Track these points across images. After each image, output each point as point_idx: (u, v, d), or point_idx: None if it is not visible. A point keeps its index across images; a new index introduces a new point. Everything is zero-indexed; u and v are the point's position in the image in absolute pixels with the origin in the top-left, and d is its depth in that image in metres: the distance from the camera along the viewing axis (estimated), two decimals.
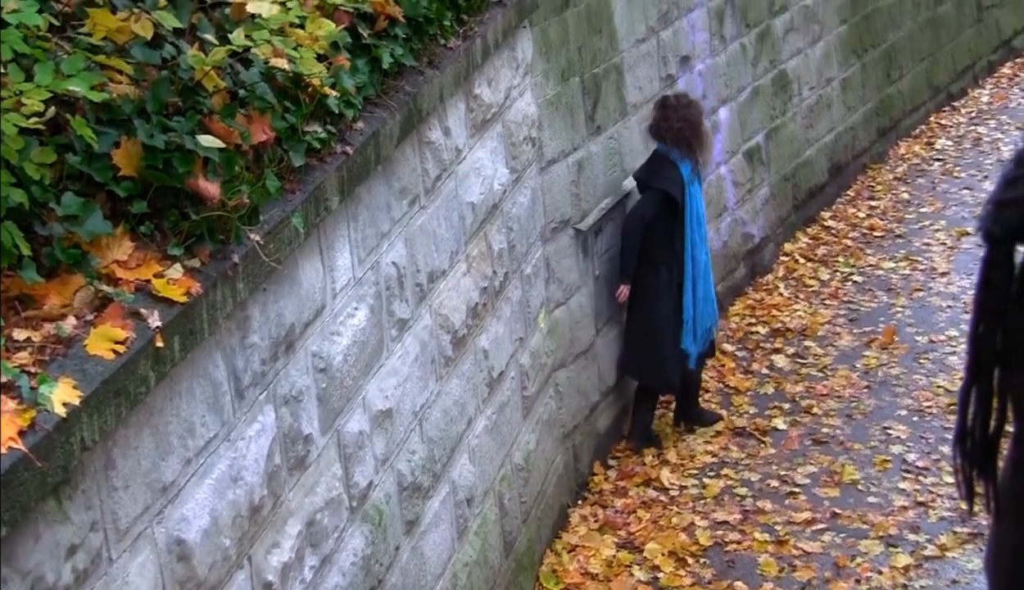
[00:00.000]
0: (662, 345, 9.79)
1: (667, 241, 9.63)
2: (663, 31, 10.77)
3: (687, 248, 9.66)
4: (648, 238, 9.61)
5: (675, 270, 9.70)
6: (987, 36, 18.26)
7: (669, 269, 9.70)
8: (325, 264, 5.44)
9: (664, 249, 9.65)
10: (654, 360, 9.85)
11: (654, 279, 9.71)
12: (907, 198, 14.49)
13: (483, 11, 7.53)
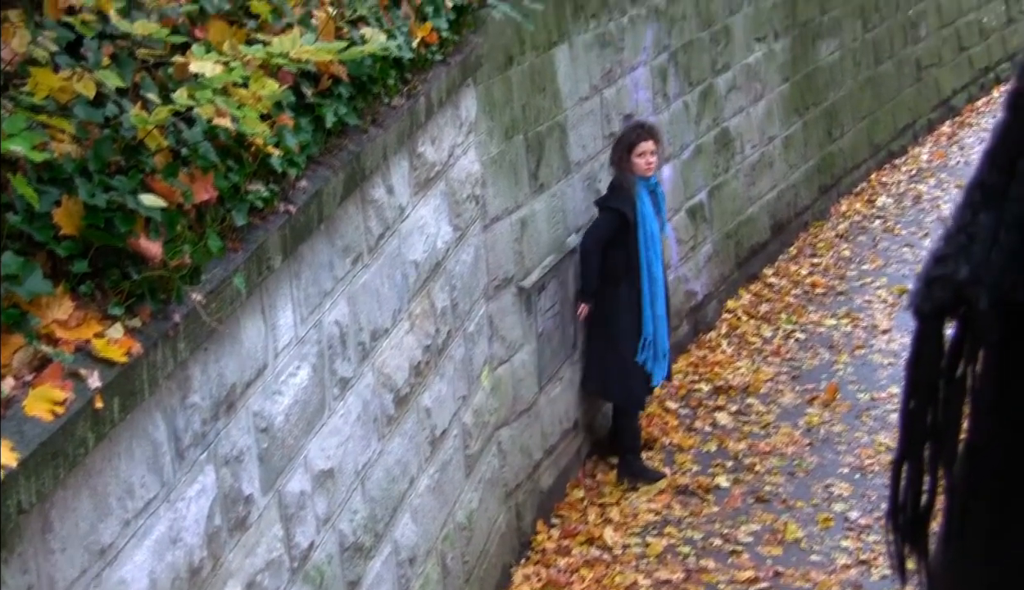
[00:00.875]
0: (626, 361, 10.08)
1: (624, 260, 9.97)
2: (606, 89, 10.83)
3: (643, 265, 10.00)
4: (606, 257, 9.96)
5: (634, 287, 10.03)
6: (926, 95, 18.44)
7: (629, 286, 10.03)
8: (267, 323, 5.43)
9: (622, 267, 9.99)
10: (619, 376, 10.14)
11: (614, 297, 10.05)
12: (848, 255, 14.59)
13: (427, 70, 7.54)
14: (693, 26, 12.45)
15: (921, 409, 1.15)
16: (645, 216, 9.97)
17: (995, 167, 1.05)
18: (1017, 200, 1.03)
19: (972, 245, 1.06)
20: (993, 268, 1.04)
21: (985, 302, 1.05)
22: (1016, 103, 1.04)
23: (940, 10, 18.73)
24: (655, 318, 10.08)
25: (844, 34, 15.98)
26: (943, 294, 1.08)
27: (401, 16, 7.17)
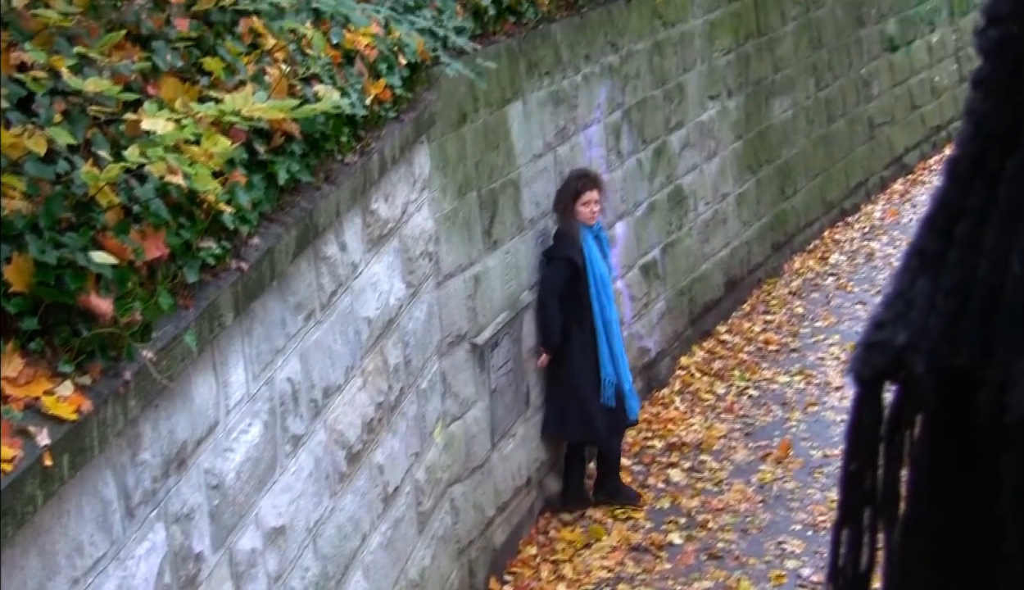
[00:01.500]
0: (585, 400, 10.37)
1: (576, 306, 10.26)
2: (560, 146, 10.88)
3: (595, 309, 10.31)
4: (560, 305, 10.27)
5: (587, 331, 10.34)
6: (879, 153, 18.58)
7: (581, 329, 10.32)
8: (219, 380, 5.42)
9: (574, 312, 10.28)
10: (578, 415, 10.41)
11: (567, 343, 10.34)
12: (801, 312, 14.65)
13: (380, 127, 7.56)
14: (647, 84, 12.53)
15: (861, 473, 1.16)
16: (593, 261, 10.29)
17: (933, 233, 1.07)
18: (955, 266, 1.04)
19: (910, 311, 1.07)
20: (931, 334, 1.05)
21: (922, 368, 1.06)
22: (954, 169, 1.05)
23: (893, 69, 18.89)
24: (613, 357, 10.39)
25: (797, 92, 16.10)
26: (881, 359, 1.09)
27: (355, 73, 7.19)
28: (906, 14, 19.22)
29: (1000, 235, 1.00)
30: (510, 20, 10.00)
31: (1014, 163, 1.00)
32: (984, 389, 1.01)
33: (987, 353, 1.01)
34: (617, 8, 11.85)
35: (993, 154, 1.02)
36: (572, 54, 11.05)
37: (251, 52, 6.25)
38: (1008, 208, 1.00)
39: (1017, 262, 0.98)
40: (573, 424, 10.48)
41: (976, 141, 1.03)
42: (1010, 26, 1.00)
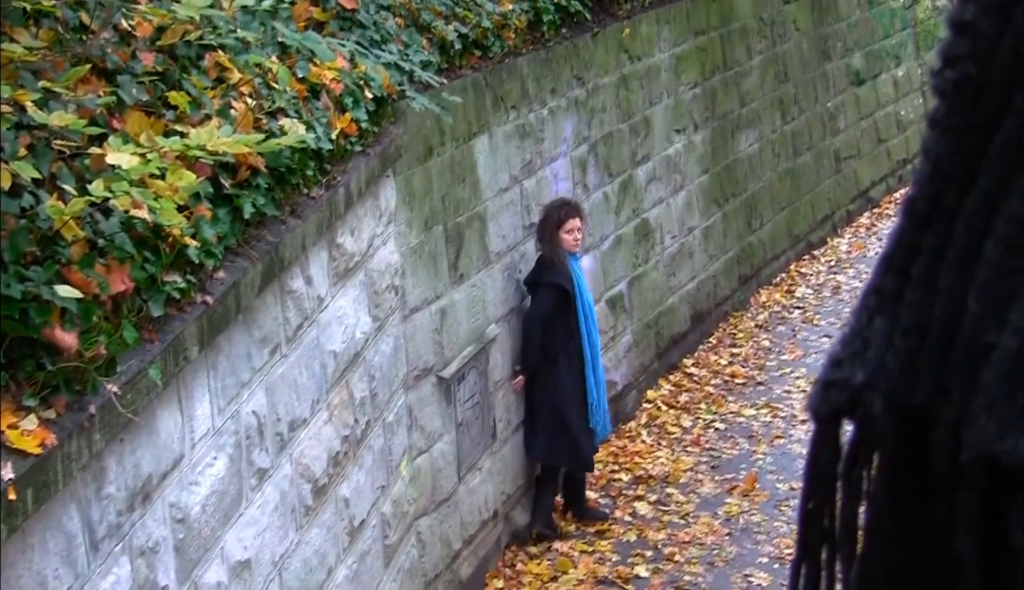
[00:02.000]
0: (572, 426, 10.59)
1: (563, 332, 10.46)
2: (526, 180, 10.90)
3: (583, 335, 10.56)
4: (545, 331, 10.43)
5: (574, 357, 10.53)
6: (845, 186, 18.66)
7: (567, 357, 10.54)
8: (184, 414, 5.41)
9: (561, 340, 10.49)
10: (566, 443, 10.62)
11: (554, 369, 10.54)
12: (768, 345, 14.68)
13: (346, 160, 7.58)
14: (613, 118, 12.57)
15: (819, 510, 1.17)
16: (581, 288, 10.58)
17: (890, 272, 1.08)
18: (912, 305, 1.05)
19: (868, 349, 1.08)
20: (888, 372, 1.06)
21: (880, 406, 1.07)
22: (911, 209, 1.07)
23: (858, 103, 18.99)
24: (597, 383, 10.69)
25: (763, 126, 16.17)
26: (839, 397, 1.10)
27: (320, 107, 7.21)
28: (872, 48, 19.34)
29: (956, 274, 1.01)
30: (476, 54, 10.04)
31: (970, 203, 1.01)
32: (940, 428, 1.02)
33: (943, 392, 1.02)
34: (583, 42, 11.90)
35: (949, 194, 1.03)
36: (538, 88, 11.09)
37: (217, 86, 6.27)
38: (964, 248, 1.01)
39: (974, 301, 0.99)
40: (561, 450, 10.69)
41: (933, 181, 1.05)
42: (966, 67, 1.02)
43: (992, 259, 0.99)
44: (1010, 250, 0.98)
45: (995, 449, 0.97)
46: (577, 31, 11.84)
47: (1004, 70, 0.99)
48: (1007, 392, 0.97)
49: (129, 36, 5.82)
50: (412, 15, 9.26)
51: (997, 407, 0.97)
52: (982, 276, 0.99)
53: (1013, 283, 0.98)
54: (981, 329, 0.99)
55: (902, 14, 20.26)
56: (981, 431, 0.98)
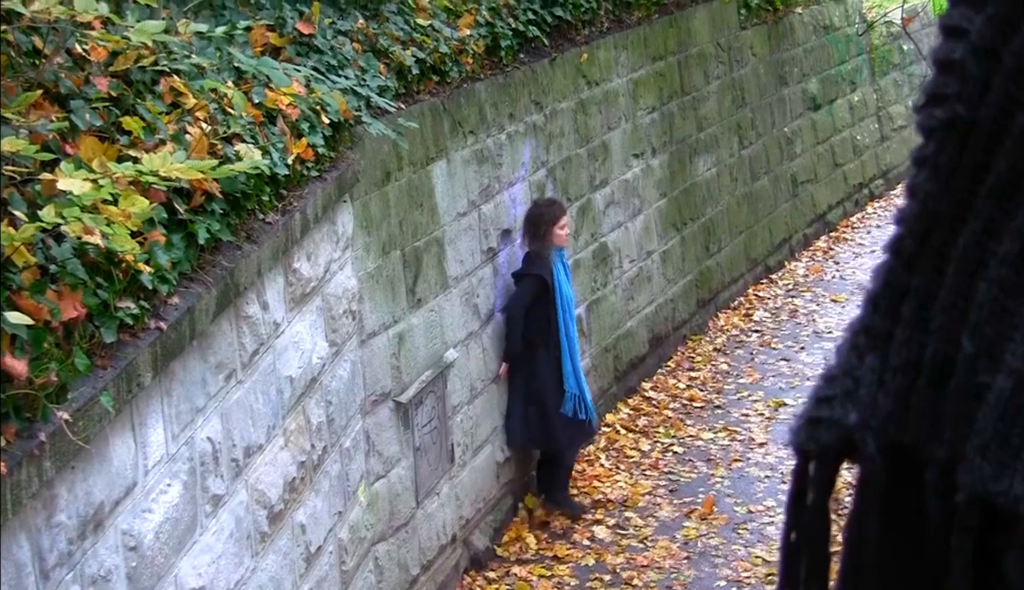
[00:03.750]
0: (547, 412, 11.12)
1: (543, 323, 11.04)
2: (484, 204, 10.91)
3: (560, 327, 11.09)
4: (526, 321, 11.02)
5: (551, 347, 11.08)
6: (802, 210, 18.73)
7: (546, 347, 11.08)
8: (137, 441, 5.38)
9: (541, 330, 11.05)
10: (542, 427, 11.16)
11: (533, 357, 11.11)
12: (726, 369, 14.71)
13: (303, 185, 7.57)
14: (571, 142, 12.60)
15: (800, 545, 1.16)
16: (560, 283, 11.11)
17: (879, 311, 1.08)
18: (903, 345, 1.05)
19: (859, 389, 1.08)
20: (880, 412, 1.06)
21: (873, 446, 1.07)
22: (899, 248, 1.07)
23: (815, 127, 19.08)
24: (575, 372, 11.19)
25: (721, 150, 16.22)
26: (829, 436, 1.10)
27: (276, 132, 7.20)
28: (828, 74, 19.44)
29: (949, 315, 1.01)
30: (434, 79, 10.04)
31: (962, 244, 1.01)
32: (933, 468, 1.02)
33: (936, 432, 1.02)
34: (541, 67, 11.92)
35: (938, 234, 1.03)
36: (496, 113, 11.10)
37: (172, 111, 6.26)
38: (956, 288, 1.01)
39: (968, 342, 0.99)
40: (537, 434, 11.23)
41: (921, 220, 1.04)
42: (955, 107, 1.02)
43: (985, 300, 0.99)
44: (1003, 291, 0.98)
45: (990, 490, 0.97)
46: (535, 56, 11.86)
47: (994, 112, 0.99)
48: (1002, 433, 0.97)
49: (83, 61, 5.80)
50: (370, 40, 9.26)
51: (991, 448, 0.97)
52: (975, 317, 0.99)
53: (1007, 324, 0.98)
54: (975, 370, 0.99)
55: (857, 40, 20.38)
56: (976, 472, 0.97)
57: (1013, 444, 0.97)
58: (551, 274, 11.05)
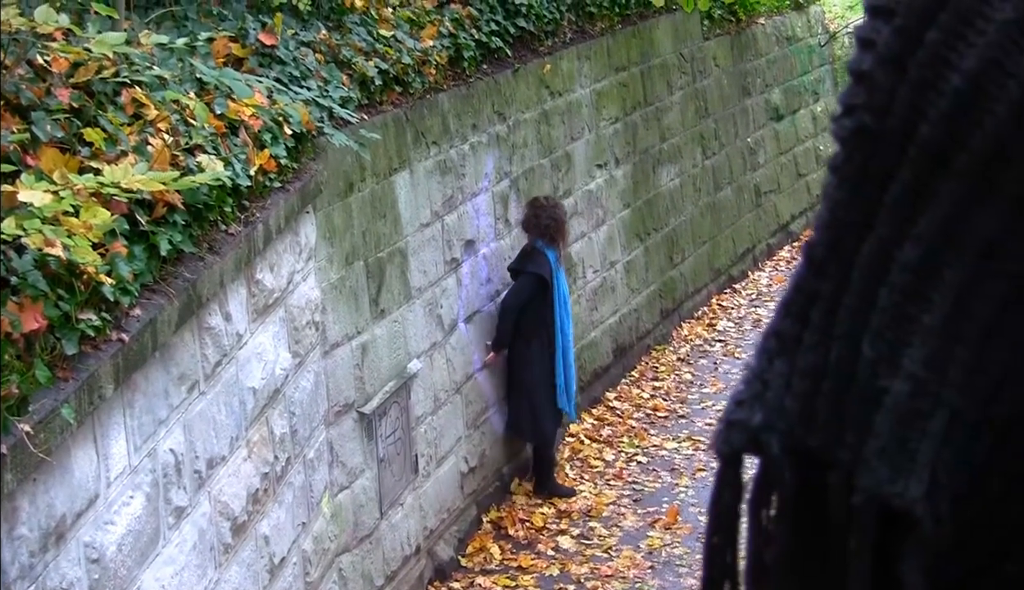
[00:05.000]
0: (539, 406, 11.59)
1: (539, 318, 11.43)
2: (448, 215, 10.91)
3: (556, 322, 11.51)
4: (522, 316, 11.39)
5: (545, 342, 11.50)
6: (766, 220, 18.79)
7: (540, 341, 11.49)
8: (99, 452, 5.37)
9: (536, 325, 11.45)
10: (532, 419, 11.63)
11: (528, 351, 11.51)
12: (690, 379, 14.74)
13: (265, 196, 7.56)
14: (534, 153, 12.61)
15: (722, 547, 1.18)
16: (559, 280, 11.58)
17: (790, 316, 1.09)
18: (810, 349, 1.06)
19: (767, 392, 1.09)
20: (786, 415, 1.08)
21: (777, 448, 1.08)
22: (810, 254, 1.08)
23: (778, 137, 19.15)
24: (566, 367, 11.61)
25: (684, 161, 16.26)
26: (740, 437, 1.12)
27: (239, 143, 7.19)
28: (791, 84, 19.52)
29: (852, 320, 1.03)
30: (397, 90, 10.05)
31: (866, 250, 1.03)
32: (836, 470, 1.03)
33: (839, 435, 1.03)
34: (504, 78, 11.94)
35: (847, 241, 1.04)
36: (459, 124, 11.11)
37: (133, 123, 6.25)
38: (860, 294, 1.03)
39: (869, 347, 1.01)
40: (526, 425, 11.70)
41: (831, 227, 1.06)
42: (863, 117, 1.03)
43: (886, 306, 1.01)
44: (903, 297, 1.00)
45: (887, 492, 0.98)
46: (498, 67, 11.87)
47: (899, 122, 1.01)
48: (899, 436, 0.99)
49: (44, 72, 5.79)
50: (332, 51, 9.26)
51: (889, 451, 0.99)
52: (876, 322, 1.01)
53: (906, 330, 1.00)
54: (875, 374, 1.00)
55: (820, 51, 20.47)
56: (873, 474, 0.99)
57: (910, 447, 0.99)
58: (550, 271, 11.44)
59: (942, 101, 0.99)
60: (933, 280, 1.00)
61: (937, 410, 1.00)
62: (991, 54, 0.97)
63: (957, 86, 0.98)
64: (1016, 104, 0.97)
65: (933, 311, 1.00)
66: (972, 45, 0.98)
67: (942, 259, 1.00)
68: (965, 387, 1.01)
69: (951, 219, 1.00)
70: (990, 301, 1.00)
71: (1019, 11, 0.97)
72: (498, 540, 11.21)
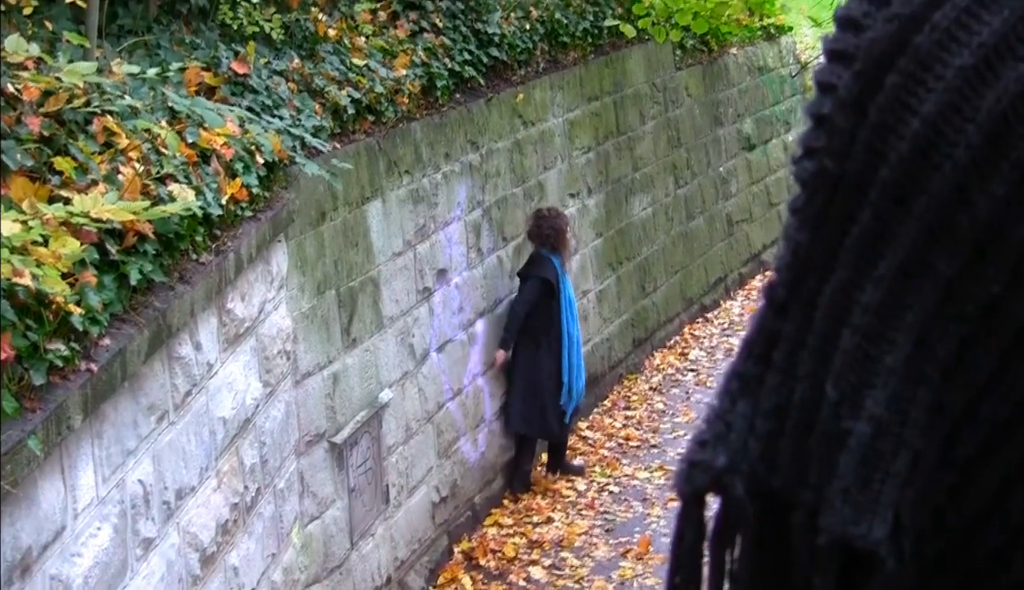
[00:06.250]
0: (544, 403, 12.26)
1: (546, 320, 12.17)
2: (420, 244, 10.91)
3: (562, 324, 12.23)
4: (531, 317, 12.12)
5: (552, 342, 12.23)
6: (738, 250, 18.83)
7: (548, 342, 12.20)
8: (67, 484, 5.34)
9: (543, 326, 12.17)
10: (538, 415, 12.31)
11: (535, 350, 12.20)
12: (662, 408, 14.74)
13: (237, 226, 7.54)
14: (507, 182, 12.62)
15: (684, 587, 1.18)
16: (565, 284, 12.33)
17: (752, 357, 1.10)
18: (773, 390, 1.07)
19: (730, 433, 1.10)
20: (749, 456, 1.08)
21: (741, 489, 1.08)
22: (772, 295, 1.09)
23: (750, 167, 19.20)
24: (571, 368, 12.33)
25: (657, 190, 16.29)
26: (702, 478, 1.12)
27: (211, 172, 7.18)
28: (762, 114, 19.58)
29: (815, 361, 1.03)
30: (369, 119, 10.05)
31: (828, 292, 1.03)
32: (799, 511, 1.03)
33: (802, 476, 1.03)
34: (477, 107, 11.95)
35: (808, 282, 1.05)
36: (432, 153, 11.11)
37: (104, 151, 6.23)
38: (822, 335, 1.03)
39: (832, 388, 1.02)
40: (532, 420, 12.33)
41: (792, 269, 1.07)
42: (823, 160, 1.04)
43: (848, 347, 1.01)
44: (866, 339, 1.01)
45: (850, 533, 0.99)
46: (471, 96, 11.89)
47: (859, 165, 1.02)
48: (862, 477, 0.99)
49: (15, 101, 5.77)
50: (305, 80, 9.26)
51: (852, 492, 0.99)
52: (839, 364, 1.01)
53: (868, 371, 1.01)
54: (838, 415, 1.01)
55: (791, 81, 20.54)
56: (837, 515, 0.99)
57: (873, 488, 1.00)
58: (556, 276, 12.17)
59: (902, 145, 0.99)
60: (894, 321, 1.00)
61: (900, 451, 1.00)
62: (950, 98, 0.98)
63: (916, 130, 0.99)
64: (975, 148, 0.97)
65: (895, 352, 1.00)
66: (931, 90, 0.98)
67: (903, 301, 1.00)
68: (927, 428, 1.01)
69: (911, 261, 1.00)
70: (951, 342, 1.01)
71: (977, 56, 0.97)
72: (469, 570, 11.18)
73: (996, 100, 0.96)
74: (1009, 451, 1.03)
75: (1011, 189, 0.97)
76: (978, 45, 0.97)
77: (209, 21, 8.86)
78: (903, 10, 1.00)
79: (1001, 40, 0.97)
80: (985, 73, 0.97)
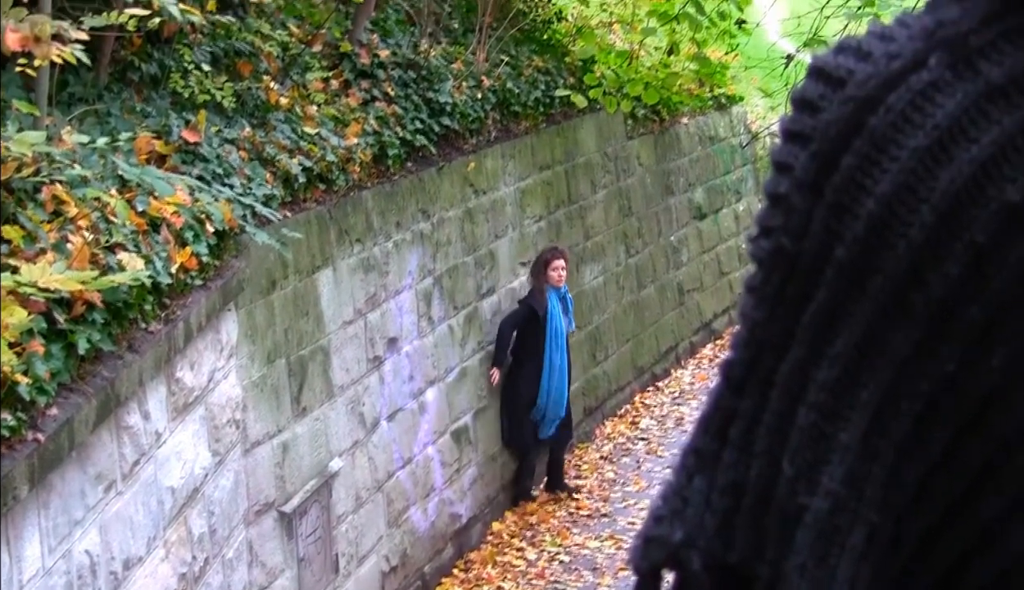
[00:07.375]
0: (522, 421, 13.33)
1: (533, 345, 13.19)
2: (370, 313, 10.89)
3: (546, 352, 13.21)
4: (520, 341, 13.15)
5: (534, 367, 13.23)
6: (688, 318, 18.87)
7: (531, 365, 13.20)
8: (12, 555, 5.28)
9: (530, 351, 13.20)
10: (516, 431, 13.38)
11: (520, 372, 13.22)
12: (613, 477, 14.71)
13: (187, 294, 7.52)
14: (458, 250, 12.63)
15: None
16: (552, 315, 13.23)
17: (709, 433, 1.10)
18: (729, 467, 1.07)
19: (687, 508, 1.10)
20: (706, 531, 1.08)
21: (698, 564, 1.09)
22: (729, 373, 1.09)
23: (701, 236, 19.28)
24: (549, 392, 13.31)
25: (608, 259, 16.33)
26: (659, 554, 1.12)
27: (160, 241, 7.15)
28: (713, 183, 19.68)
29: (771, 438, 1.04)
30: (320, 187, 10.05)
31: (784, 369, 1.04)
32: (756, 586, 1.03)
33: (759, 551, 1.03)
34: (428, 176, 11.96)
35: (765, 360, 1.05)
36: (383, 221, 11.11)
37: (53, 220, 6.20)
38: (779, 413, 1.04)
39: (788, 465, 1.02)
40: (514, 436, 13.39)
41: (749, 347, 1.07)
42: (780, 239, 1.04)
43: (804, 425, 1.02)
44: (821, 416, 1.01)
45: None
46: (422, 165, 11.90)
47: (815, 244, 1.02)
48: (818, 553, 1.00)
49: None
50: (256, 148, 9.26)
51: (808, 567, 1.00)
52: (795, 441, 1.02)
53: (824, 448, 1.01)
54: (794, 491, 1.01)
55: (742, 151, 20.66)
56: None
57: (829, 564, 1.00)
58: (543, 306, 13.19)
59: (857, 224, 1.00)
60: (850, 399, 1.01)
61: (856, 526, 1.00)
62: (904, 179, 0.98)
63: (871, 210, 0.99)
64: (929, 228, 0.98)
65: (850, 429, 1.01)
66: (886, 170, 0.99)
67: (858, 379, 1.01)
68: (882, 503, 1.01)
69: (867, 339, 1.00)
70: (905, 419, 1.01)
71: (931, 138, 0.98)
72: None
73: (950, 181, 0.97)
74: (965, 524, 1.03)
75: (964, 270, 0.97)
76: (932, 127, 0.98)
77: (160, 89, 8.85)
78: (858, 92, 1.01)
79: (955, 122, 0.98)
80: (939, 154, 0.98)
